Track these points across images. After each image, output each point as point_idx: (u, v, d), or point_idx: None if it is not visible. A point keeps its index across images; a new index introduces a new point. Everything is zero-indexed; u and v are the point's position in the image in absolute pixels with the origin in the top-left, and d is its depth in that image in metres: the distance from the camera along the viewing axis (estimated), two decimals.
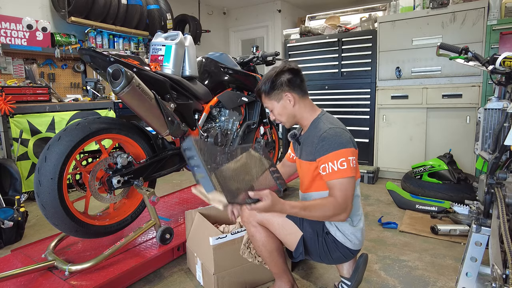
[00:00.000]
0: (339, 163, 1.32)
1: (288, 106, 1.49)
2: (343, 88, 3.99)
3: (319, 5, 5.88)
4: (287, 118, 1.51)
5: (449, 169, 2.96)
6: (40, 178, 1.54)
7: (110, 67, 1.59)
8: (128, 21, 4.13)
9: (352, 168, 1.33)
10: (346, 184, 1.32)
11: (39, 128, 3.09)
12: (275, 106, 1.50)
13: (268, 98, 1.50)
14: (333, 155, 1.34)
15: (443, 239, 2.24)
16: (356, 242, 1.45)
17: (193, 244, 1.83)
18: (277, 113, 1.51)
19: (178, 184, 3.67)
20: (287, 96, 1.48)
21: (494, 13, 3.04)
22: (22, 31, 3.40)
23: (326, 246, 1.43)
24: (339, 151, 1.34)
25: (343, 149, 1.34)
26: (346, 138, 1.39)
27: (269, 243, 1.45)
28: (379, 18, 3.70)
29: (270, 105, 1.52)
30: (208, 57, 2.49)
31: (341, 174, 1.32)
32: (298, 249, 1.45)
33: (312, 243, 1.44)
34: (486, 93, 3.12)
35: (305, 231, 1.44)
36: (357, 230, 1.45)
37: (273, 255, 1.46)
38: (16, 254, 1.85)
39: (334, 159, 1.33)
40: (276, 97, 1.49)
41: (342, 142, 1.36)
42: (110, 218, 1.86)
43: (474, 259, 1.37)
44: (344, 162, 1.32)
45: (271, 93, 1.48)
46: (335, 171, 1.33)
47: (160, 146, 2.01)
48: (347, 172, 1.32)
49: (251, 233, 1.47)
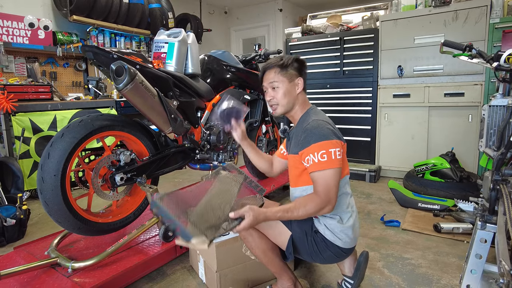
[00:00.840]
0: (319, 155, 1.32)
1: (293, 91, 1.48)
2: (345, 86, 3.98)
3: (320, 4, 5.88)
4: (287, 103, 1.48)
5: (451, 167, 2.95)
6: (43, 175, 1.54)
7: (113, 64, 1.58)
8: (130, 19, 4.13)
9: (333, 160, 1.31)
10: (327, 176, 1.31)
11: (41, 127, 3.09)
12: (284, 84, 1.46)
13: (282, 73, 1.46)
14: (313, 147, 1.34)
15: (446, 237, 2.23)
16: (347, 240, 1.42)
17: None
18: (283, 91, 1.46)
19: (180, 183, 3.67)
20: (299, 80, 1.48)
21: (496, 11, 3.03)
22: (24, 30, 3.40)
23: (316, 246, 1.42)
24: (320, 143, 1.33)
25: (324, 141, 1.33)
26: (327, 130, 1.37)
27: (262, 244, 1.44)
28: (381, 17, 3.70)
29: (279, 81, 1.46)
30: (211, 55, 2.48)
31: (321, 166, 1.31)
32: (288, 249, 1.44)
33: (301, 243, 1.43)
34: (488, 91, 3.11)
35: (293, 231, 1.43)
36: (347, 228, 1.42)
37: (267, 255, 1.45)
38: (19, 251, 1.85)
39: (314, 151, 1.33)
40: (289, 76, 1.47)
41: (323, 133, 1.35)
42: (113, 216, 1.85)
43: (479, 256, 1.36)
44: (325, 154, 1.32)
45: (287, 70, 1.46)
46: (316, 163, 1.32)
47: (163, 144, 2.01)
48: (327, 164, 1.31)
49: (243, 236, 1.45)
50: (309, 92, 4.19)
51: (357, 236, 1.49)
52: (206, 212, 1.27)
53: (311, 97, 4.21)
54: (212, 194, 1.36)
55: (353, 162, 3.88)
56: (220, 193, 1.36)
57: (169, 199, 1.27)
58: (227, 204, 1.30)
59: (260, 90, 2.71)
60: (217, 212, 1.27)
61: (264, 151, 2.96)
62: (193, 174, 3.98)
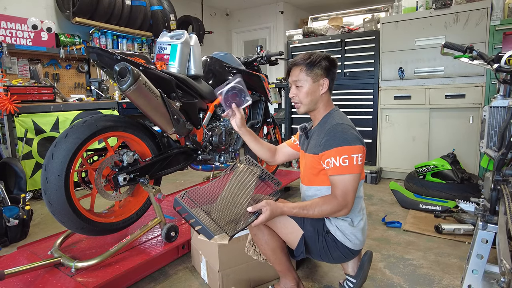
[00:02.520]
0: (341, 159, 1.33)
1: (317, 90, 1.46)
2: (346, 88, 4.00)
3: (321, 6, 5.90)
4: (310, 102, 1.47)
5: (452, 169, 2.96)
6: (47, 175, 1.55)
7: (117, 65, 1.60)
8: (132, 21, 4.15)
9: (354, 165, 1.33)
10: (346, 181, 1.33)
11: (44, 128, 3.11)
12: (308, 83, 1.45)
13: (307, 72, 1.44)
14: (336, 151, 1.34)
15: (447, 238, 2.24)
16: (356, 242, 1.45)
17: (198, 242, 1.83)
18: (305, 91, 1.45)
19: (182, 184, 3.68)
20: (324, 81, 1.46)
21: (497, 13, 3.05)
22: (27, 31, 3.43)
23: (326, 245, 1.44)
24: (343, 148, 1.34)
25: (347, 146, 1.34)
26: (351, 135, 1.38)
27: (272, 241, 1.45)
28: (382, 19, 3.72)
29: (303, 80, 1.45)
30: (213, 57, 2.50)
31: (342, 171, 1.33)
32: (299, 248, 1.45)
33: (312, 241, 1.44)
34: (489, 93, 3.12)
35: (305, 230, 1.44)
36: (357, 230, 1.45)
37: (276, 253, 1.46)
38: (22, 251, 1.86)
39: (336, 155, 1.34)
40: (314, 75, 1.44)
41: (347, 138, 1.36)
42: (115, 216, 1.86)
43: (480, 256, 1.37)
44: (346, 159, 1.33)
45: (313, 69, 1.44)
46: (337, 167, 1.33)
47: (166, 145, 2.02)
48: (348, 169, 1.32)
49: (254, 232, 1.47)
50: None
51: (365, 238, 1.52)
52: (225, 208, 1.32)
53: None
54: (231, 189, 1.40)
55: None
56: (238, 188, 1.40)
57: (191, 196, 1.33)
58: (245, 199, 1.34)
59: (262, 92, 2.72)
60: (236, 207, 1.33)
61: None
62: (194, 175, 4.00)
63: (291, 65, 1.50)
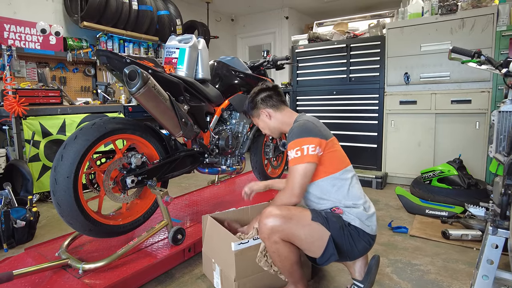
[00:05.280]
0: (295, 151, 1.46)
1: (266, 120, 1.71)
2: (351, 93, 4.00)
3: (325, 12, 5.94)
4: (271, 131, 1.73)
5: (459, 174, 2.95)
6: (56, 176, 1.56)
7: (127, 68, 1.61)
8: (139, 26, 4.20)
9: (305, 156, 1.44)
10: (296, 171, 1.45)
11: (50, 130, 3.13)
12: (257, 122, 1.76)
13: (251, 116, 1.76)
14: (291, 144, 1.48)
15: (454, 244, 2.22)
16: (373, 227, 1.51)
17: (210, 250, 1.80)
18: (261, 127, 1.76)
19: (186, 188, 3.68)
20: (264, 112, 1.70)
21: (503, 19, 3.05)
22: (36, 35, 3.47)
23: (352, 238, 1.46)
24: (296, 140, 1.47)
25: (300, 138, 1.46)
26: (306, 128, 1.49)
27: (292, 257, 1.44)
28: (388, 24, 3.73)
29: (254, 122, 1.78)
30: (220, 61, 2.51)
31: (294, 162, 1.46)
32: (327, 251, 1.42)
33: (340, 239, 1.44)
34: (496, 98, 3.11)
35: (332, 229, 1.43)
36: (371, 216, 1.51)
37: (294, 266, 1.47)
38: (30, 252, 1.87)
39: (291, 148, 1.48)
40: (256, 114, 1.73)
41: (301, 131, 1.48)
42: (123, 218, 1.87)
43: (490, 261, 1.36)
44: (299, 151, 1.45)
45: (251, 112, 1.74)
46: (291, 159, 1.47)
47: (173, 148, 2.02)
48: (299, 160, 1.44)
49: (272, 249, 1.43)
50: (315, 99, 4.24)
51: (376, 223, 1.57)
52: None
53: (317, 103, 4.23)
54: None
55: (359, 169, 3.88)
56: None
57: None
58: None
59: None
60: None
61: (272, 157, 2.96)
62: (199, 179, 4.00)
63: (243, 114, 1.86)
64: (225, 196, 2.83)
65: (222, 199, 2.76)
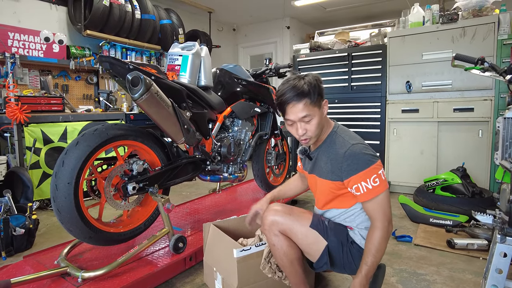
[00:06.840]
0: (372, 180, 1.29)
1: (323, 115, 1.38)
2: (353, 102, 4.00)
3: (327, 22, 5.99)
4: (319, 131, 1.40)
5: (463, 182, 2.92)
6: (57, 182, 1.54)
7: (130, 74, 1.61)
8: (141, 35, 4.23)
9: (384, 181, 1.32)
10: (382, 200, 1.31)
11: (52, 138, 3.12)
12: (316, 114, 1.34)
13: (312, 104, 1.32)
14: (364, 174, 1.30)
15: (460, 253, 2.18)
16: None
17: (211, 258, 1.77)
18: (316, 122, 1.35)
19: (187, 196, 3.65)
20: (325, 103, 1.38)
21: (504, 28, 3.06)
22: (39, 43, 3.49)
23: (351, 256, 1.41)
24: (369, 169, 1.30)
25: (372, 165, 1.31)
26: (369, 152, 1.35)
27: (291, 253, 1.42)
28: (389, 33, 3.75)
29: (312, 113, 1.33)
30: (223, 68, 2.52)
31: (376, 192, 1.30)
32: (321, 259, 1.41)
33: (337, 252, 1.41)
34: (498, 106, 3.11)
35: (329, 241, 1.40)
36: None
37: (294, 264, 1.43)
38: (28, 260, 1.84)
39: (366, 178, 1.30)
40: (318, 103, 1.34)
41: (369, 158, 1.32)
42: (123, 226, 1.84)
43: (499, 270, 1.33)
44: (377, 178, 1.30)
45: (315, 97, 1.32)
46: (370, 190, 1.29)
47: (175, 154, 2.01)
48: (381, 188, 1.30)
49: (272, 242, 1.43)
50: None
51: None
52: None
53: None
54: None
55: None
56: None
57: None
58: None
59: (270, 103, 2.73)
60: None
61: (274, 164, 2.95)
62: (200, 187, 3.97)
63: (289, 102, 1.33)
64: (226, 205, 2.81)
65: (223, 207, 2.74)
